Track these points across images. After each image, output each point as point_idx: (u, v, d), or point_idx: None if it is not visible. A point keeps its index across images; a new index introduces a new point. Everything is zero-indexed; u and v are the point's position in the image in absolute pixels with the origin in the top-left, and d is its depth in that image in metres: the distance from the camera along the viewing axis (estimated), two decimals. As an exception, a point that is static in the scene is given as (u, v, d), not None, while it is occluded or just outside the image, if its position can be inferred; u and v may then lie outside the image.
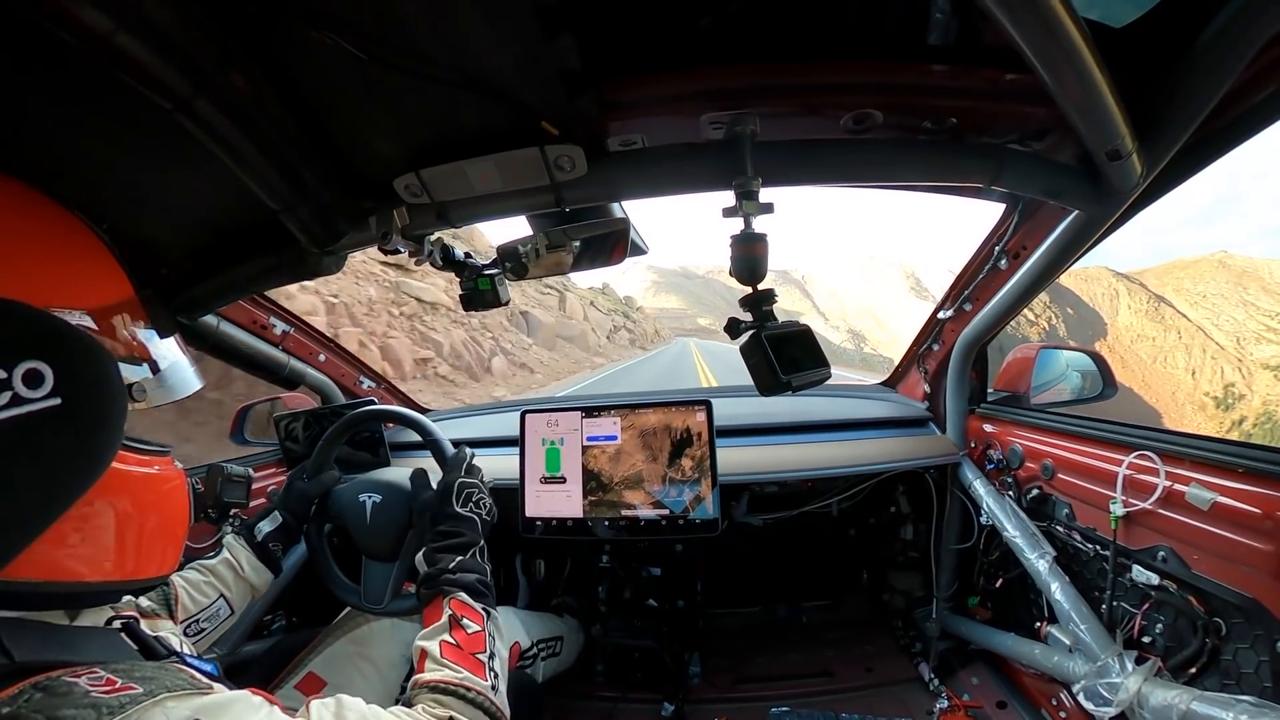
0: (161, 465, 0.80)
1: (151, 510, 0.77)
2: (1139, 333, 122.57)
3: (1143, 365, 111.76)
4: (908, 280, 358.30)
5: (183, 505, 0.84)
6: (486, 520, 1.29)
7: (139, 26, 0.61)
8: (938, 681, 2.00)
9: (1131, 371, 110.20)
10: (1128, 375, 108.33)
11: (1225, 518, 1.14)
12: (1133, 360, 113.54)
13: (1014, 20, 0.61)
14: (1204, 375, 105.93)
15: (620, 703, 2.06)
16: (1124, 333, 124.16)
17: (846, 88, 0.90)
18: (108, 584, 0.73)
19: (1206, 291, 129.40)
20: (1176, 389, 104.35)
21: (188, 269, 1.28)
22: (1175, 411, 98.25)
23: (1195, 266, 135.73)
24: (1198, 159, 0.99)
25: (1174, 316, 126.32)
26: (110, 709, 0.54)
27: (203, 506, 1.36)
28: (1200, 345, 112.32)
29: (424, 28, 0.74)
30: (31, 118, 0.80)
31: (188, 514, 0.85)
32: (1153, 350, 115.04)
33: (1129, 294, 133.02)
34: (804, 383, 1.02)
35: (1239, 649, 1.15)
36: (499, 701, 0.93)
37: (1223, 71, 0.77)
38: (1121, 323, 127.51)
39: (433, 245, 1.22)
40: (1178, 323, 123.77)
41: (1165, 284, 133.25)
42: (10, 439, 0.58)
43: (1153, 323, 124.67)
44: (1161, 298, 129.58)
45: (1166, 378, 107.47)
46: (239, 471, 1.42)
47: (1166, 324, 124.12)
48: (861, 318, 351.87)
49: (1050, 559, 1.55)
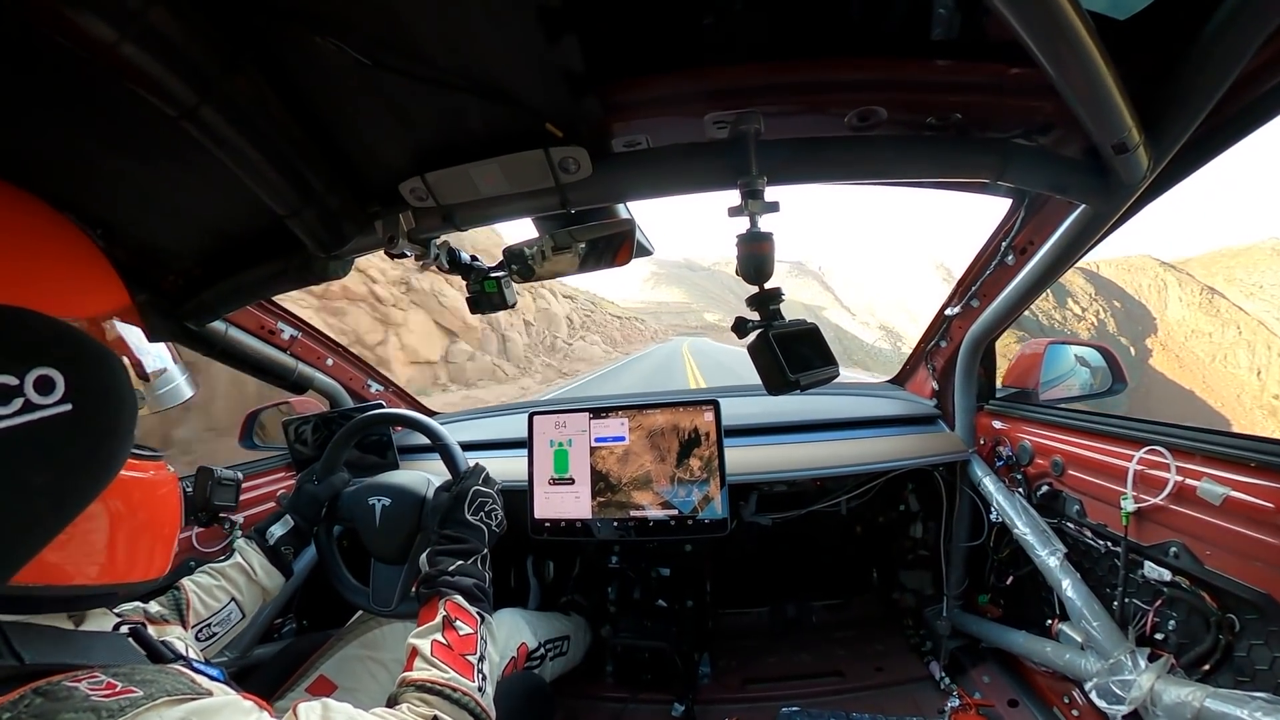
0: (156, 470, 0.81)
1: (148, 515, 0.78)
2: (1193, 328, 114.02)
3: (1201, 365, 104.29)
4: (939, 271, 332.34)
5: (176, 509, 0.85)
6: (495, 531, 1.30)
7: (143, 36, 0.61)
8: (949, 680, 1.99)
9: (1189, 371, 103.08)
10: (1186, 375, 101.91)
11: (1238, 513, 1.13)
12: (1189, 359, 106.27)
13: (1017, 14, 0.61)
14: (1271, 375, 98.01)
15: (630, 703, 2.06)
16: (1176, 328, 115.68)
17: (850, 85, 0.90)
18: (105, 587, 0.73)
19: (1263, 281, 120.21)
20: (1241, 391, 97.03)
21: (196, 275, 1.29)
22: (1243, 417, 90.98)
23: (1246, 255, 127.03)
24: (1206, 150, 0.98)
25: (1230, 309, 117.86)
26: (110, 712, 0.54)
27: (192, 510, 1.37)
28: (1264, 341, 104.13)
29: (427, 32, 0.74)
30: (38, 125, 0.80)
31: (180, 518, 0.87)
32: (1211, 348, 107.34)
33: (1179, 285, 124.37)
34: (812, 381, 1.02)
35: (1253, 645, 1.14)
36: (485, 704, 0.93)
37: (1229, 60, 0.76)
38: (1172, 316, 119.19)
39: (439, 248, 1.22)
40: (1235, 316, 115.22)
41: (1214, 273, 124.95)
42: (21, 445, 0.58)
43: (1207, 316, 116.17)
44: (1213, 289, 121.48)
45: (1229, 378, 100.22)
46: (228, 475, 1.43)
47: (1223, 318, 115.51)
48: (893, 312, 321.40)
49: (1061, 556, 1.54)
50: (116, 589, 0.76)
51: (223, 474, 1.42)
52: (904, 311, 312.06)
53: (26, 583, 0.64)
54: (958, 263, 47.59)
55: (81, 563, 0.70)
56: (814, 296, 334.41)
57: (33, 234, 0.71)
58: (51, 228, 0.74)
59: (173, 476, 0.85)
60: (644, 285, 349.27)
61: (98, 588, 0.72)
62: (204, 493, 1.39)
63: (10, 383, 0.57)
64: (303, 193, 0.92)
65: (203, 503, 1.41)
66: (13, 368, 0.58)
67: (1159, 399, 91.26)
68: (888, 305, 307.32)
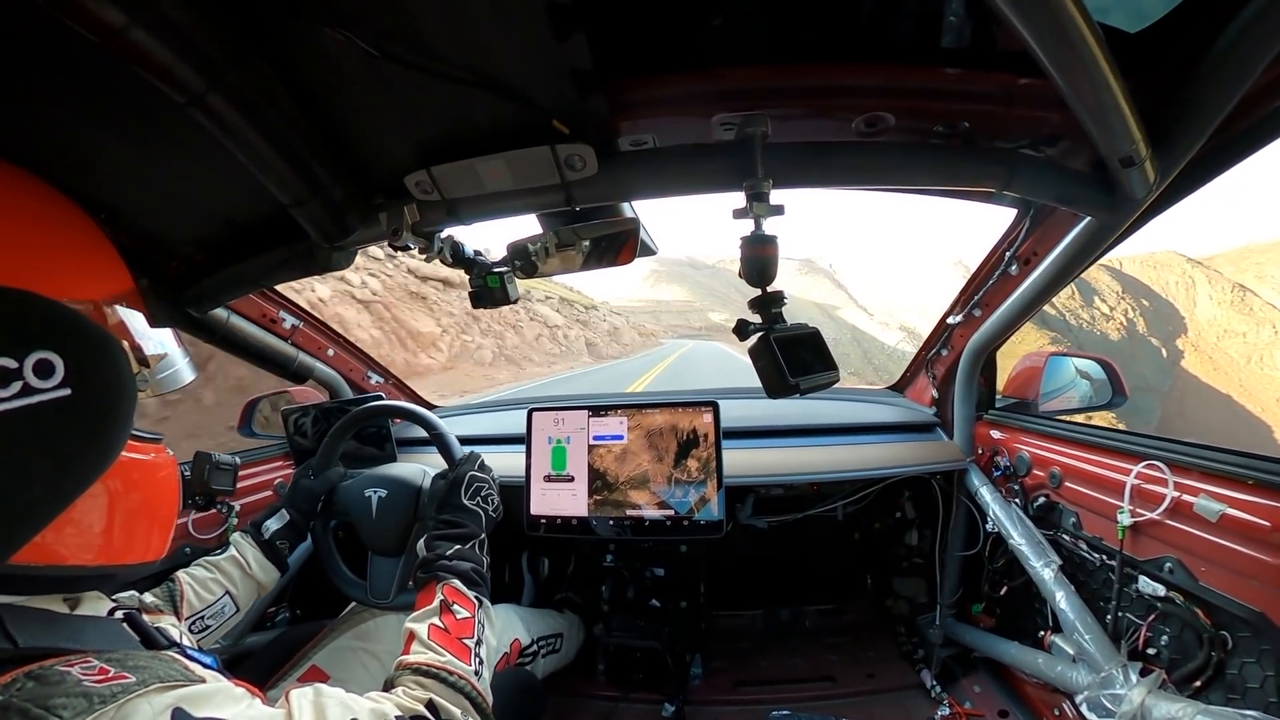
0: (155, 453, 0.81)
1: (146, 497, 0.79)
2: (1225, 327, 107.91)
3: (1236, 366, 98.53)
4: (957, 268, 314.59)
5: (174, 492, 0.85)
6: (492, 517, 1.30)
7: (153, 22, 0.61)
8: (940, 688, 1.99)
9: (1224, 374, 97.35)
10: (1221, 378, 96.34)
11: (1234, 530, 1.13)
12: (1223, 360, 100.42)
13: (1029, 25, 0.61)
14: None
15: (621, 702, 2.06)
16: (1207, 328, 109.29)
17: (859, 90, 0.90)
18: (101, 568, 0.73)
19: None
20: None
21: (199, 262, 1.29)
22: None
23: (1276, 250, 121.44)
24: (1212, 166, 0.98)
25: (1263, 308, 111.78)
26: (102, 698, 0.54)
27: (190, 494, 1.38)
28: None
29: (436, 25, 0.74)
30: (45, 108, 0.80)
31: (178, 501, 0.87)
32: (1245, 348, 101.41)
33: (1208, 282, 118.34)
34: (812, 386, 1.02)
35: (1245, 663, 1.14)
36: (481, 687, 0.93)
37: (1238, 78, 0.76)
38: (1202, 315, 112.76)
39: (443, 242, 1.22)
40: (1269, 315, 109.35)
41: (1243, 270, 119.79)
42: (19, 428, 0.58)
43: (1240, 315, 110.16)
44: (1244, 286, 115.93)
45: (1267, 380, 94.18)
46: (225, 459, 1.43)
47: (1257, 316, 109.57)
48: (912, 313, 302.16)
49: (1056, 567, 1.54)
50: (114, 571, 0.76)
51: (220, 459, 1.42)
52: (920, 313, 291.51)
53: (23, 562, 0.64)
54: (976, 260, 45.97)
55: (79, 543, 0.70)
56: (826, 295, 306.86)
57: (36, 217, 0.71)
58: (55, 210, 0.73)
59: (172, 459, 0.85)
60: (643, 283, 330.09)
61: (94, 569, 0.72)
62: (201, 476, 1.40)
63: (9, 365, 0.57)
64: (308, 183, 0.92)
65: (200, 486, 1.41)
66: (12, 350, 0.58)
67: (1195, 404, 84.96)
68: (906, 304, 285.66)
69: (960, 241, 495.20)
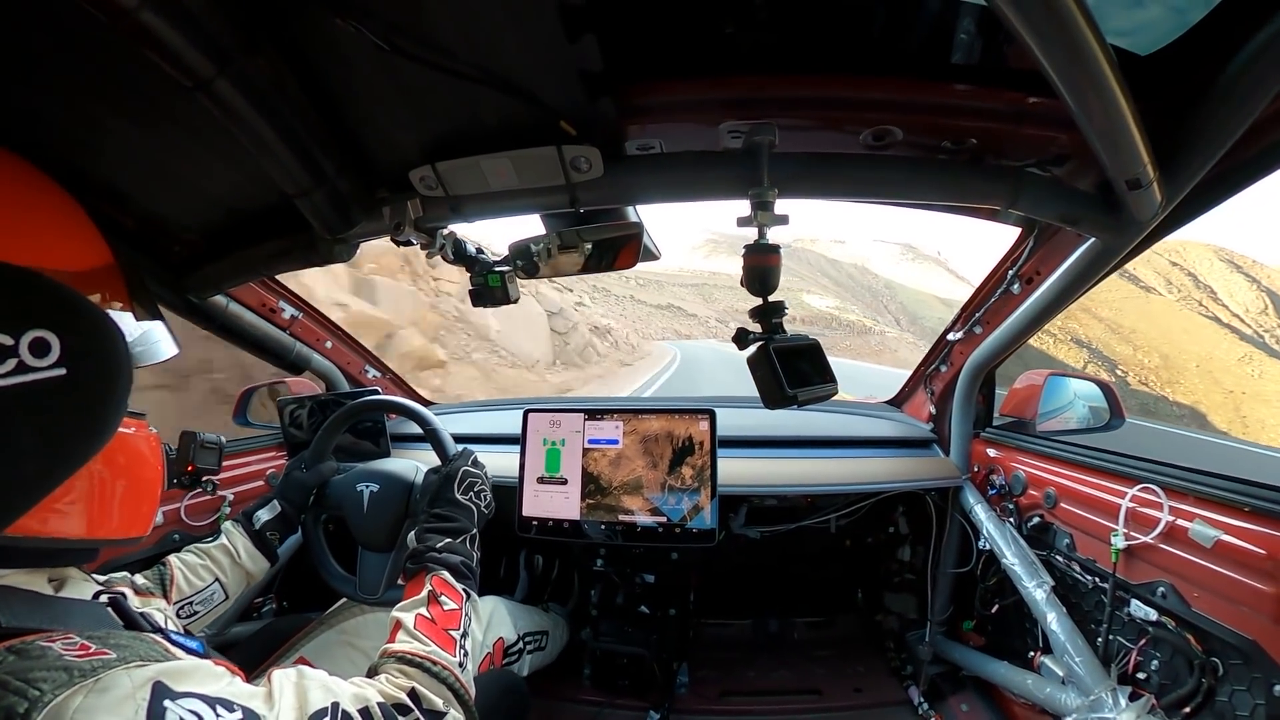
0: (138, 427, 0.82)
1: (131, 471, 0.79)
2: None
3: None
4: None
5: (158, 468, 0.86)
6: (484, 512, 1.29)
7: (164, 4, 0.61)
8: (927, 706, 1.98)
9: None
10: None
11: (1228, 557, 1.13)
12: None
13: (1041, 44, 0.61)
14: None
15: (606, 708, 2.05)
16: None
17: (868, 103, 0.90)
18: (86, 541, 0.73)
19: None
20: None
21: (201, 247, 1.29)
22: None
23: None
24: (1219, 191, 0.98)
25: None
26: (82, 672, 0.54)
27: (175, 473, 1.37)
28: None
29: (447, 21, 0.74)
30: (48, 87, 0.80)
31: (162, 476, 0.87)
32: None
33: None
34: (810, 397, 1.02)
35: (1235, 691, 1.13)
36: (464, 679, 0.92)
37: (1249, 104, 0.76)
38: None
39: (445, 239, 1.22)
40: None
41: None
42: (14, 405, 0.58)
43: None
44: None
45: None
46: (211, 438, 1.42)
47: None
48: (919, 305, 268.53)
49: (1048, 588, 1.53)
50: (97, 544, 0.76)
51: (205, 437, 1.42)
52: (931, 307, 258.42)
53: (13, 534, 0.64)
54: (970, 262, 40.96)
55: (63, 516, 0.70)
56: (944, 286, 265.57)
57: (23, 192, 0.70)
58: (37, 182, 0.73)
59: (155, 435, 0.86)
60: (694, 252, 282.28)
61: (78, 541, 0.72)
62: (187, 455, 1.39)
63: (5, 342, 0.57)
64: (313, 173, 0.92)
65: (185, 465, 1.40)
66: (8, 328, 0.57)
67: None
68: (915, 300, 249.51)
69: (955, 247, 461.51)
